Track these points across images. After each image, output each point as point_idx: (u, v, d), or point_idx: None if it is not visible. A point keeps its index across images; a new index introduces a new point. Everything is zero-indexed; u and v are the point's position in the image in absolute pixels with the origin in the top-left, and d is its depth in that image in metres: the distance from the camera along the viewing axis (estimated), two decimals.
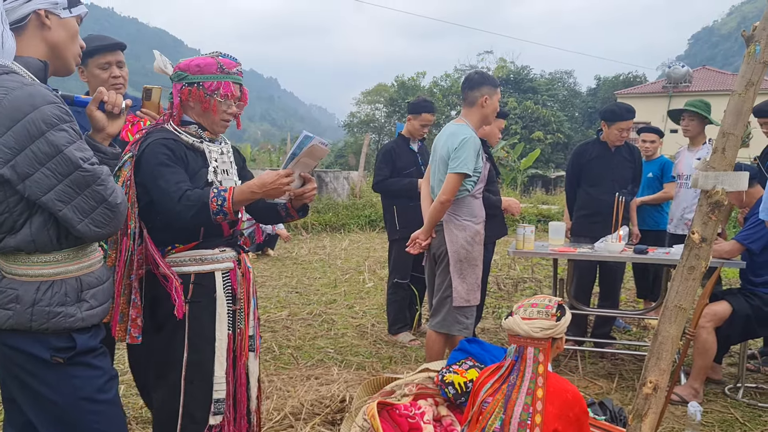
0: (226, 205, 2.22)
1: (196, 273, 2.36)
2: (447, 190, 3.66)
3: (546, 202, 15.94)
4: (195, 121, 2.42)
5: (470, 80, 3.87)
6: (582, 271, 4.88)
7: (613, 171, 4.85)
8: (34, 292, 1.74)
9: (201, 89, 2.33)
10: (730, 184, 2.14)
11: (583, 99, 50.97)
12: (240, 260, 2.51)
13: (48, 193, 1.68)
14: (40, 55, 1.81)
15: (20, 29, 1.77)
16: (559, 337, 2.56)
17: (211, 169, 2.39)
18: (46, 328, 1.75)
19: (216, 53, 2.41)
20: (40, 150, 1.66)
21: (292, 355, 4.72)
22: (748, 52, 2.14)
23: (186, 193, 2.21)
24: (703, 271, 2.20)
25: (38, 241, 1.74)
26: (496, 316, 5.97)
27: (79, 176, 1.71)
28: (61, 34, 1.84)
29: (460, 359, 3.30)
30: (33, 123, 1.64)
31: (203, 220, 2.24)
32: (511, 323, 2.52)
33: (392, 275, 5.28)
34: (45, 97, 1.68)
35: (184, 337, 2.34)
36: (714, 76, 38.95)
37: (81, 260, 1.84)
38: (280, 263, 8.78)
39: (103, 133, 1.98)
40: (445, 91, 44.41)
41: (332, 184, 14.17)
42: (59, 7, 1.82)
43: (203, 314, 2.36)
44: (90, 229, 1.75)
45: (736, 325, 3.95)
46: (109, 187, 1.78)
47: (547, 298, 2.61)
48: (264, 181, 2.29)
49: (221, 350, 2.39)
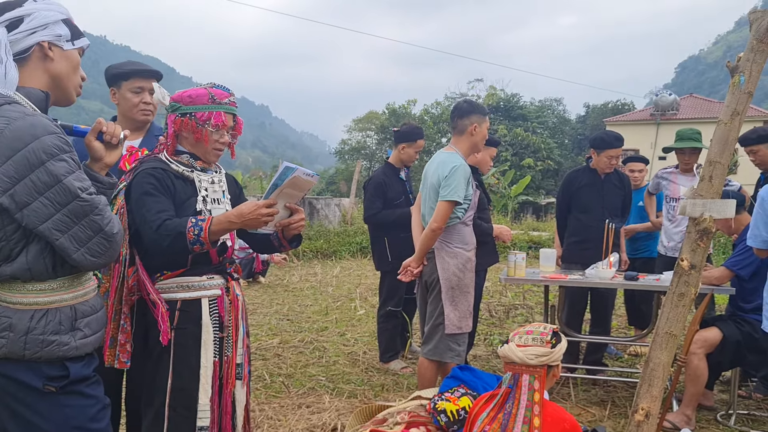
0: (203, 234, 2.24)
1: (182, 300, 2.38)
2: (438, 218, 3.69)
3: (537, 228, 15.98)
4: (188, 150, 2.46)
5: (459, 109, 3.92)
6: (573, 297, 4.90)
7: (603, 198, 4.90)
8: (28, 320, 1.73)
9: (193, 119, 2.38)
10: (717, 212, 2.17)
11: (573, 126, 51.37)
12: (228, 287, 2.51)
13: (45, 222, 1.69)
14: (42, 86, 1.83)
15: (23, 60, 1.80)
16: (554, 364, 2.57)
17: (200, 197, 2.41)
18: (39, 357, 1.73)
19: (210, 84, 2.46)
20: (40, 179, 1.67)
21: (283, 383, 4.68)
22: (733, 83, 2.19)
23: (165, 222, 2.25)
24: (693, 298, 2.23)
25: (34, 270, 1.74)
26: (487, 344, 5.95)
27: (77, 206, 1.72)
28: (63, 66, 1.87)
29: (452, 387, 3.29)
30: (33, 152, 1.66)
31: (180, 249, 2.26)
32: (507, 351, 2.52)
33: (385, 304, 5.26)
34: (46, 127, 1.70)
35: (169, 364, 2.35)
36: (701, 104, 39.41)
37: (76, 289, 1.84)
38: (272, 290, 8.75)
39: (100, 163, 1.99)
40: (436, 119, 44.68)
41: (323, 211, 14.17)
42: (62, 39, 1.86)
43: (188, 341, 2.37)
44: (86, 258, 1.76)
45: (727, 352, 3.96)
46: (106, 216, 1.79)
47: (542, 325, 2.62)
48: (242, 212, 2.31)
49: (206, 377, 2.38)
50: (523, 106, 47.60)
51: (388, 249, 5.11)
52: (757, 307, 4.01)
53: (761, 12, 2.22)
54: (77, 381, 1.81)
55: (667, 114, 35.95)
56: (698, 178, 5.03)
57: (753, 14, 2.25)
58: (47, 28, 1.82)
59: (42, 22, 1.81)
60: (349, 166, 42.54)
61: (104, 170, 2.01)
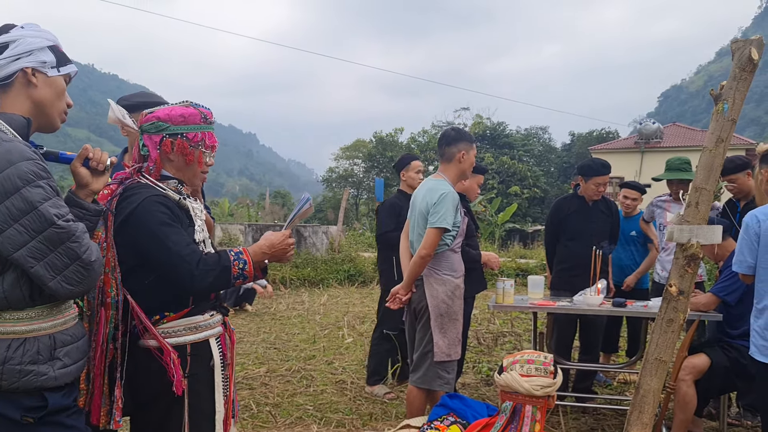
0: (247, 268, 2.14)
1: (191, 343, 2.18)
2: (427, 245, 3.68)
3: (524, 256, 16.03)
4: (173, 175, 2.25)
5: (447, 137, 3.95)
6: (562, 325, 4.90)
7: (591, 225, 4.92)
8: (5, 350, 1.69)
9: (185, 140, 2.19)
10: (704, 238, 2.18)
11: (558, 154, 51.90)
12: (225, 322, 2.38)
13: (20, 249, 1.65)
14: (24, 112, 1.82)
15: (6, 86, 1.79)
16: (552, 394, 2.55)
17: (198, 227, 2.25)
18: (17, 387, 1.69)
19: (188, 102, 2.27)
20: (14, 206, 1.64)
21: (270, 413, 4.62)
22: (717, 110, 2.22)
23: (203, 258, 2.09)
24: (682, 324, 2.23)
25: (11, 298, 1.70)
26: (476, 371, 5.92)
27: (53, 233, 1.68)
28: (46, 92, 1.85)
29: (441, 415, 3.26)
30: (8, 179, 1.63)
31: (223, 285, 2.14)
32: (510, 380, 2.49)
33: (381, 325, 5.27)
34: (22, 153, 1.67)
35: (183, 415, 2.15)
36: (684, 132, 39.93)
37: (55, 317, 1.80)
38: (258, 318, 8.67)
39: (86, 190, 1.93)
40: (423, 147, 44.99)
41: (311, 239, 14.14)
42: (47, 66, 1.85)
43: (202, 387, 2.20)
44: (62, 286, 1.72)
45: (716, 378, 3.96)
46: (84, 244, 1.74)
47: (541, 354, 2.61)
48: (273, 242, 2.23)
49: (220, 423, 2.24)
50: (509, 135, 48.10)
51: (396, 269, 5.12)
52: (744, 332, 4.02)
53: (743, 41, 2.26)
54: (57, 411, 1.77)
55: (651, 142, 36.39)
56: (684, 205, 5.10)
57: (735, 44, 2.29)
58: (32, 55, 1.81)
59: (27, 49, 1.81)
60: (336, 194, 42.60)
61: (90, 197, 1.95)
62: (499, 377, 2.55)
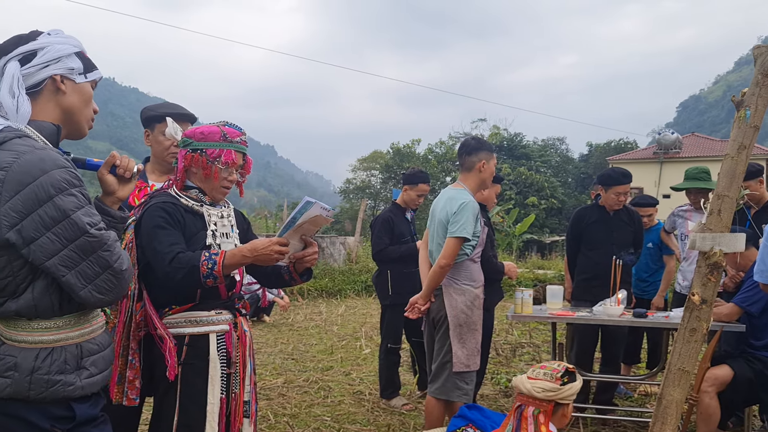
0: (216, 268, 2.25)
1: (190, 335, 2.37)
2: (446, 254, 3.67)
3: (542, 266, 15.93)
4: (196, 185, 2.48)
5: (467, 146, 3.94)
6: (583, 335, 4.84)
7: (612, 235, 4.88)
8: (33, 359, 1.68)
9: (204, 156, 2.40)
10: (727, 245, 2.16)
11: (576, 165, 51.63)
12: (237, 323, 2.49)
13: (52, 257, 1.65)
14: (53, 119, 1.81)
15: (36, 94, 1.79)
16: (564, 403, 2.54)
17: (209, 232, 2.42)
18: (45, 397, 1.68)
19: (222, 122, 2.49)
20: (47, 214, 1.63)
21: (287, 423, 4.61)
22: (739, 116, 2.20)
23: (177, 256, 2.25)
24: (705, 333, 2.20)
25: (40, 307, 1.70)
26: (494, 383, 5.88)
27: (85, 241, 1.68)
28: (75, 99, 1.85)
29: (460, 426, 3.24)
30: (41, 187, 1.63)
31: (193, 283, 2.27)
32: (517, 381, 2.56)
33: (385, 340, 5.28)
34: (55, 161, 1.67)
35: (176, 399, 2.33)
36: (703, 143, 39.64)
37: (82, 326, 1.80)
38: (276, 329, 8.68)
39: (113, 197, 1.94)
40: (440, 158, 44.93)
41: (328, 250, 14.15)
42: (75, 72, 1.85)
43: (196, 377, 2.36)
44: (93, 295, 1.71)
45: (739, 390, 3.89)
46: (115, 253, 1.75)
47: (558, 363, 2.65)
48: (255, 246, 2.32)
49: (213, 414, 2.36)
50: (526, 146, 47.92)
51: (390, 282, 5.14)
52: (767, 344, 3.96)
53: (765, 47, 2.24)
54: (84, 422, 1.77)
55: (670, 152, 36.14)
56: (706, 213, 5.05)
57: (757, 49, 2.27)
58: (60, 62, 1.81)
59: (55, 56, 1.80)
60: (353, 205, 42.64)
61: (116, 204, 1.96)
62: (514, 379, 2.61)
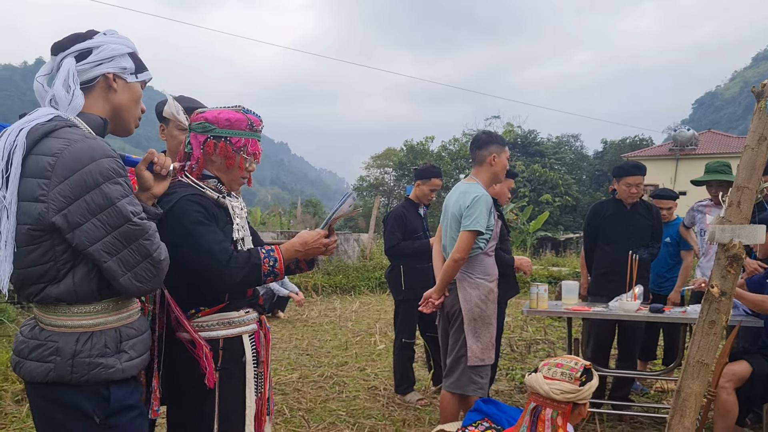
0: (278, 265, 2.19)
1: (224, 338, 2.22)
2: (460, 248, 3.66)
3: (556, 263, 15.84)
4: (214, 175, 2.30)
5: (478, 140, 3.93)
6: (599, 331, 4.81)
7: (629, 229, 4.83)
8: (74, 343, 1.74)
9: (228, 144, 2.24)
10: (747, 237, 2.13)
11: (590, 162, 51.28)
12: (261, 321, 2.41)
13: (95, 243, 1.71)
14: (102, 114, 1.89)
15: (88, 89, 1.87)
16: (582, 402, 2.49)
17: (236, 226, 2.29)
18: (87, 380, 1.74)
19: (239, 108, 2.30)
20: (94, 201, 1.69)
21: (303, 417, 4.63)
22: (759, 107, 2.17)
23: (234, 255, 2.13)
24: (724, 326, 2.18)
25: (80, 292, 1.75)
26: (509, 378, 5.86)
27: (128, 229, 1.74)
28: (125, 97, 1.93)
29: (476, 420, 3.23)
30: (90, 174, 1.69)
31: (253, 282, 2.19)
32: (533, 380, 2.47)
33: (399, 336, 5.28)
34: (105, 150, 1.73)
35: (214, 408, 2.19)
36: (720, 139, 39.27)
37: (120, 311, 1.85)
38: (291, 325, 8.71)
39: (148, 193, 1.99)
40: (454, 155, 44.81)
41: (342, 246, 14.17)
42: (127, 72, 1.92)
43: (233, 381, 2.24)
44: (132, 283, 1.77)
45: (757, 386, 3.85)
46: (155, 243, 1.81)
47: (574, 359, 2.55)
48: (306, 240, 2.27)
49: (251, 418, 2.27)
50: (541, 143, 47.69)
51: (403, 278, 5.14)
52: None
53: None
54: (119, 411, 1.80)
55: (686, 149, 35.82)
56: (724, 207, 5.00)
57: None
58: (113, 61, 1.89)
59: (109, 55, 1.88)
60: (367, 202, 42.62)
61: (151, 200, 1.99)
62: (528, 377, 2.52)
